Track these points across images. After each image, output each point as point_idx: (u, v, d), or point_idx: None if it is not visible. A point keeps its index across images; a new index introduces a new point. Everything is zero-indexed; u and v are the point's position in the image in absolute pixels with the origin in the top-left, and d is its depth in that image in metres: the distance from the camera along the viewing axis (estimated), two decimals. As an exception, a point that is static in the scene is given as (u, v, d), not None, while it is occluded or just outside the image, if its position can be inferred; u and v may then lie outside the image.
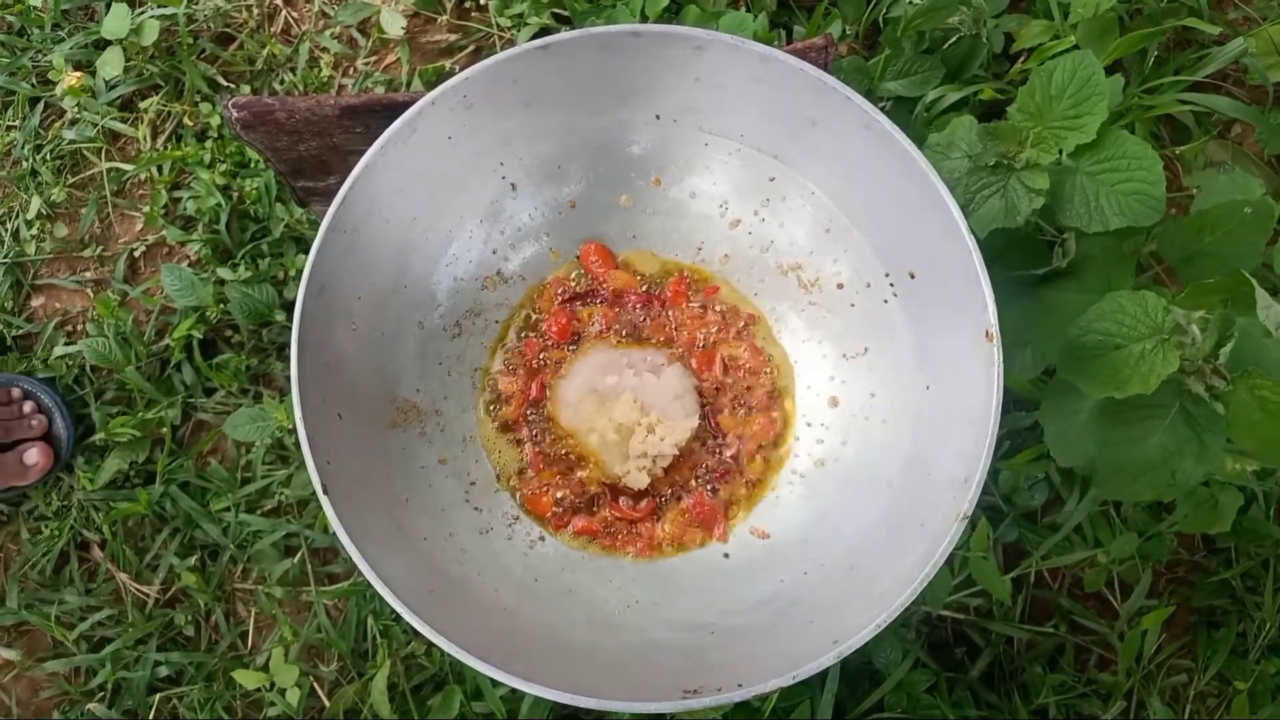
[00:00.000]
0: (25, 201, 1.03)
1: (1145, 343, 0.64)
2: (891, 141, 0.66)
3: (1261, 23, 0.97)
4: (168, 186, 1.02)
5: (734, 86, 0.70)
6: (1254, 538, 0.91)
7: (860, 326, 0.75)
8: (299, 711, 0.89)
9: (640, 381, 0.77)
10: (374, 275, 0.71)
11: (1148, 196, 0.68)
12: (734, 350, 0.79)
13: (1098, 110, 0.68)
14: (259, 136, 0.79)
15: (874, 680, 0.87)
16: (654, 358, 0.78)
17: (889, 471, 0.70)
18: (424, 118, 0.68)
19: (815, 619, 0.64)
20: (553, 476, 0.76)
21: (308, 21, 1.06)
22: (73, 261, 1.04)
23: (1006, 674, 0.90)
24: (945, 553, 0.60)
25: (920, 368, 0.70)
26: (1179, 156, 0.97)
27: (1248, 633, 0.92)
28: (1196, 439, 0.66)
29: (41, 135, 1.06)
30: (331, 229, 0.66)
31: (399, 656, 0.89)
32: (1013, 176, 0.71)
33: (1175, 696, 0.92)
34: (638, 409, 0.75)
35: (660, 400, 0.76)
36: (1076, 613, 0.92)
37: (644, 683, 0.61)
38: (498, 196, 0.77)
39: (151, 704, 0.92)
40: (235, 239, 1.00)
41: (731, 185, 0.78)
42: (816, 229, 0.76)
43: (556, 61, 0.69)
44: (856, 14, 0.98)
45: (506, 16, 1.02)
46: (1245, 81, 1.00)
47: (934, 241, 0.66)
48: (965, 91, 0.91)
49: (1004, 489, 0.90)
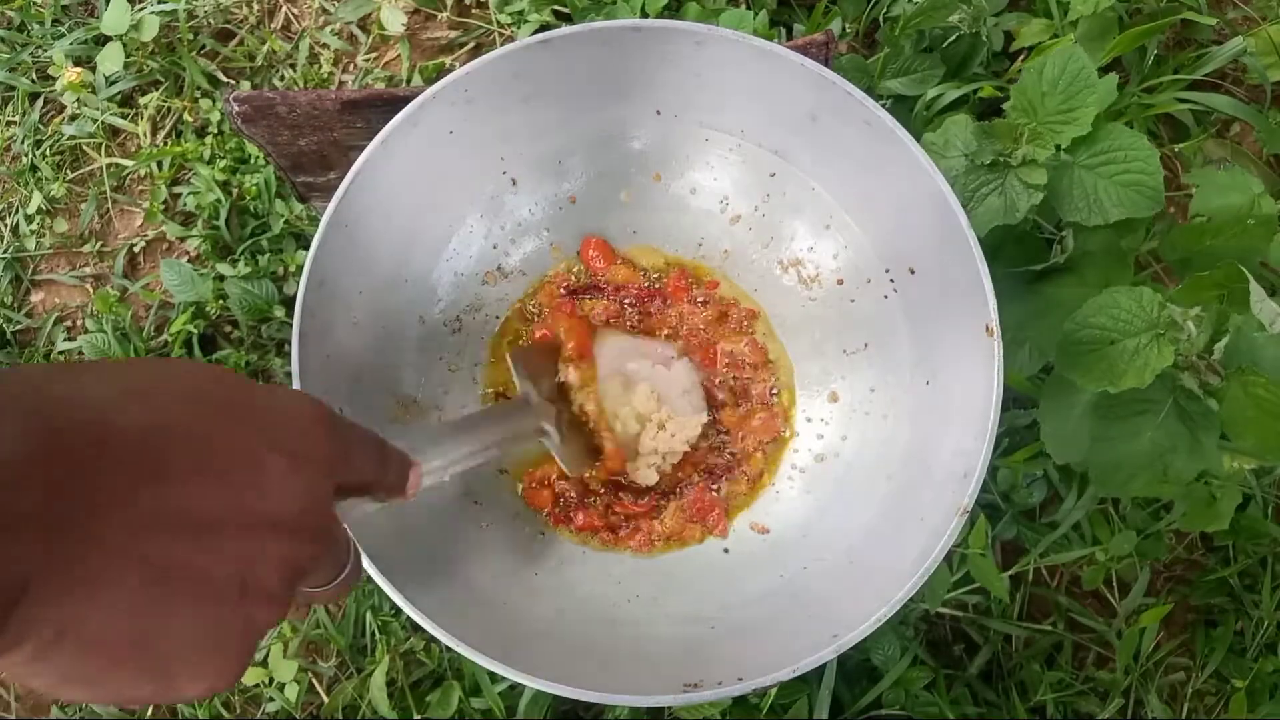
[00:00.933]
0: (25, 197, 1.03)
1: (1140, 337, 0.64)
2: (892, 137, 0.66)
3: (1260, 22, 0.97)
4: (167, 182, 1.02)
5: (735, 82, 0.71)
6: (1252, 536, 0.91)
7: (860, 322, 0.75)
8: (297, 707, 0.89)
9: (654, 373, 0.77)
10: (375, 269, 0.71)
11: (1146, 187, 0.69)
12: (734, 346, 0.79)
13: (1090, 103, 0.68)
14: (260, 131, 0.79)
15: (872, 677, 0.87)
16: (664, 350, 0.78)
17: (889, 467, 0.70)
18: (425, 112, 0.68)
19: (815, 613, 0.64)
20: (555, 468, 0.76)
21: (308, 18, 1.06)
22: (72, 257, 1.04)
23: (1005, 671, 0.91)
24: (945, 548, 0.60)
25: (920, 363, 0.71)
26: (1178, 155, 0.97)
27: (1245, 631, 0.92)
28: (1190, 435, 0.67)
29: (41, 131, 1.06)
30: (332, 223, 0.66)
31: (397, 652, 0.89)
32: (1010, 174, 0.71)
33: (1173, 694, 0.92)
34: (655, 400, 0.75)
35: (671, 394, 0.76)
36: (1074, 610, 0.92)
37: (644, 677, 0.61)
38: (498, 191, 0.77)
39: (149, 699, 0.91)
40: (235, 235, 1.00)
41: (732, 181, 0.78)
42: (817, 225, 0.76)
43: (557, 56, 0.69)
44: (856, 12, 0.98)
45: (506, 13, 1.02)
46: (1244, 81, 1.00)
47: (934, 237, 0.66)
48: (965, 89, 0.91)
49: (1002, 487, 0.91)
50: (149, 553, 0.30)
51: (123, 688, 0.32)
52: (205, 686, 0.34)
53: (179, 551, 0.31)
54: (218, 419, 0.33)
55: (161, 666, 0.32)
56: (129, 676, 0.31)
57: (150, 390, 0.33)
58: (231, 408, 0.34)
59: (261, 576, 0.33)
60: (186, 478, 0.31)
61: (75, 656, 0.30)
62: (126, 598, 0.30)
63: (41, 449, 0.28)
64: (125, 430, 0.31)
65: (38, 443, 0.28)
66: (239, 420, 0.34)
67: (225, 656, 0.33)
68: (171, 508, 0.31)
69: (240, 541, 0.33)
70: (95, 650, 0.30)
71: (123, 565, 0.30)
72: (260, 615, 0.34)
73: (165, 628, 0.31)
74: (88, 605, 0.29)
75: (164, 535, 0.30)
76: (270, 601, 0.34)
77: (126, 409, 0.31)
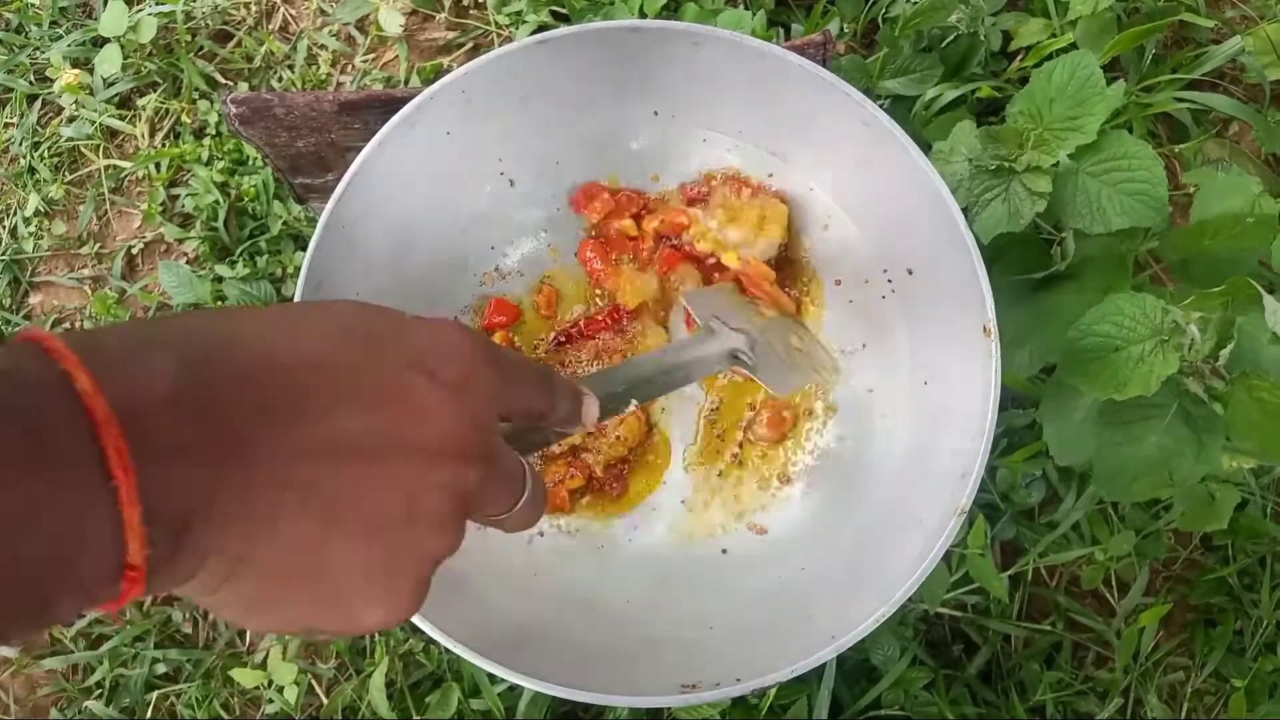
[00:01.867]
0: (23, 199, 1.03)
1: (1145, 344, 0.64)
2: (889, 138, 0.66)
3: (1259, 22, 0.97)
4: (165, 184, 1.02)
5: (732, 82, 0.71)
6: (1251, 535, 0.91)
7: (858, 322, 0.75)
8: (297, 709, 0.89)
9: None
10: (372, 270, 0.71)
11: (1150, 197, 0.69)
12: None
13: (1097, 110, 0.68)
14: (257, 132, 0.79)
15: (871, 677, 0.87)
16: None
17: (887, 467, 0.70)
18: (423, 112, 0.68)
19: (814, 614, 0.64)
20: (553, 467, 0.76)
21: (306, 19, 1.06)
22: (70, 259, 1.03)
23: (1004, 671, 0.90)
24: (943, 548, 0.60)
25: (918, 363, 0.71)
26: (1177, 155, 0.97)
27: (1245, 630, 0.92)
28: (1195, 439, 0.67)
29: (39, 132, 1.06)
30: (330, 224, 0.66)
31: (397, 654, 0.89)
32: (1014, 179, 0.71)
33: (1172, 694, 0.92)
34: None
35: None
36: (1074, 610, 0.92)
37: (643, 678, 0.61)
38: (496, 192, 0.77)
39: (149, 701, 0.91)
40: (233, 236, 1.00)
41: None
42: (815, 225, 0.76)
43: (555, 57, 0.69)
44: (854, 12, 0.98)
45: (505, 14, 1.02)
46: (1243, 80, 1.00)
47: (932, 237, 0.66)
48: (963, 89, 0.91)
49: (1001, 487, 0.91)
50: (312, 480, 0.31)
51: (303, 615, 0.32)
52: (382, 615, 0.34)
53: (341, 479, 0.31)
54: (369, 349, 0.34)
55: (337, 594, 0.32)
56: (306, 604, 0.32)
57: (299, 326, 0.33)
58: (382, 338, 0.34)
59: (428, 504, 0.34)
60: (342, 407, 0.32)
61: (253, 584, 0.31)
62: (293, 526, 0.30)
63: (196, 382, 0.29)
64: (278, 363, 0.31)
65: (193, 376, 0.29)
66: (391, 349, 0.34)
67: (399, 585, 0.34)
68: (329, 436, 0.31)
69: (402, 468, 0.33)
70: (270, 578, 0.31)
71: (285, 493, 0.30)
72: (430, 543, 0.34)
73: (335, 556, 0.32)
74: (255, 533, 0.30)
75: (324, 464, 0.31)
76: (440, 529, 0.34)
77: (277, 343, 0.32)
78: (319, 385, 0.32)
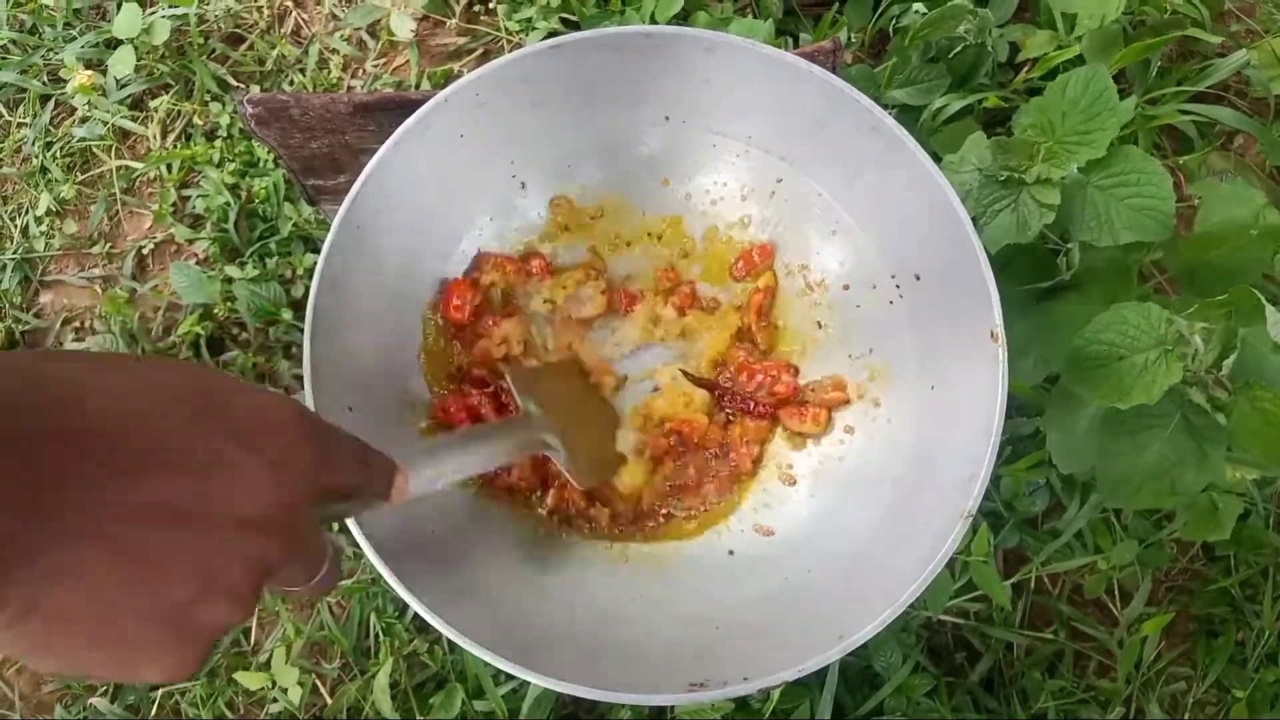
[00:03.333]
0: (35, 198, 1.04)
1: (1148, 354, 0.64)
2: (898, 144, 0.67)
3: (1263, 35, 0.98)
4: (176, 185, 1.03)
5: (743, 88, 0.71)
6: (1253, 546, 0.91)
7: (866, 327, 0.75)
8: (301, 709, 0.89)
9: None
10: (385, 270, 0.72)
11: (1158, 212, 0.69)
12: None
13: (1109, 125, 0.69)
14: (272, 133, 0.80)
15: (874, 684, 0.87)
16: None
17: (894, 470, 0.70)
18: (437, 115, 0.69)
19: (820, 615, 0.64)
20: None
21: (318, 23, 1.07)
22: (81, 258, 1.04)
23: (1006, 679, 0.91)
24: (950, 550, 0.60)
25: (925, 368, 0.71)
26: (1182, 166, 0.98)
27: (1246, 641, 0.92)
28: (1198, 448, 0.67)
29: (52, 133, 1.06)
30: (344, 224, 0.67)
31: (401, 654, 0.89)
32: (1024, 191, 0.72)
33: (1174, 704, 0.92)
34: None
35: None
36: (1076, 619, 0.92)
37: (650, 676, 0.61)
38: (508, 194, 0.77)
39: (154, 700, 0.92)
40: (243, 237, 1.00)
41: (739, 186, 0.78)
42: (823, 230, 0.76)
43: (568, 61, 0.70)
44: (863, 22, 0.99)
45: (515, 20, 1.03)
46: (1247, 93, 1.01)
47: (940, 243, 0.67)
48: (970, 99, 0.92)
49: (1005, 495, 0.91)
50: (117, 537, 0.31)
51: (85, 663, 0.33)
52: (163, 673, 0.35)
53: (146, 540, 0.32)
54: (195, 414, 0.34)
55: (122, 648, 0.33)
56: (91, 653, 0.33)
57: (128, 382, 0.34)
58: (209, 405, 0.35)
59: (227, 574, 0.34)
60: (157, 469, 0.32)
61: (42, 630, 0.31)
62: (91, 580, 0.31)
63: (15, 437, 0.29)
64: (100, 421, 0.32)
65: (12, 430, 0.29)
66: (216, 417, 0.35)
67: (183, 647, 0.34)
68: (139, 498, 0.32)
69: (206, 536, 0.33)
70: (60, 626, 0.31)
71: (88, 548, 0.31)
72: (221, 611, 0.35)
73: (126, 612, 0.32)
74: (54, 584, 0.30)
75: (130, 523, 0.31)
76: (234, 599, 0.35)
77: (103, 400, 0.32)
78: (137, 444, 0.32)
